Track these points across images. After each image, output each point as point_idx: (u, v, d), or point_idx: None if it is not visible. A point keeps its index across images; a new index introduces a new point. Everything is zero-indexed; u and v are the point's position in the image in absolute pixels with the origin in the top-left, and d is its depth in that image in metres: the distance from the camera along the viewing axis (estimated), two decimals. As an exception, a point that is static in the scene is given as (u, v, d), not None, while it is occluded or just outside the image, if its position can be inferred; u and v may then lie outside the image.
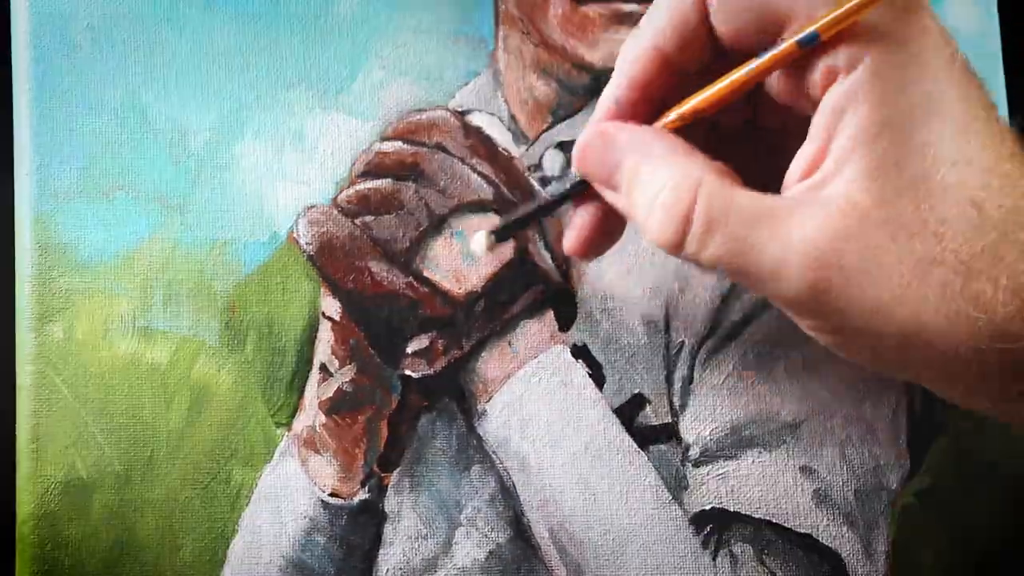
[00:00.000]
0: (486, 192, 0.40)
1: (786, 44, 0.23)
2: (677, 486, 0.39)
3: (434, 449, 0.39)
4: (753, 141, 0.28)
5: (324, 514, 0.39)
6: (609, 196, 0.27)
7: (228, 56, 0.40)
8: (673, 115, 0.26)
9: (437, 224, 0.40)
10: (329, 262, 0.39)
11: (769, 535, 0.38)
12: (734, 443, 0.39)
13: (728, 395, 0.39)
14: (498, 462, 0.39)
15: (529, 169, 0.41)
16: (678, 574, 0.38)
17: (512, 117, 0.42)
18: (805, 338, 0.25)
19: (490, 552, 0.39)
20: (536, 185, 0.41)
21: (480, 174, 0.40)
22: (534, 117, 0.42)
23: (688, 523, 0.38)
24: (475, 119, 0.41)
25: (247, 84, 0.40)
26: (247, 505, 0.38)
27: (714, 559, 0.38)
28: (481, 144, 0.41)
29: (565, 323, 0.40)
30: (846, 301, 0.22)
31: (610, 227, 0.29)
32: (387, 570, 0.39)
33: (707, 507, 0.39)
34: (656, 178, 0.25)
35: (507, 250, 0.40)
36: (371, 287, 0.39)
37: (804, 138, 0.24)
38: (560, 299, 0.40)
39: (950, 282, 0.21)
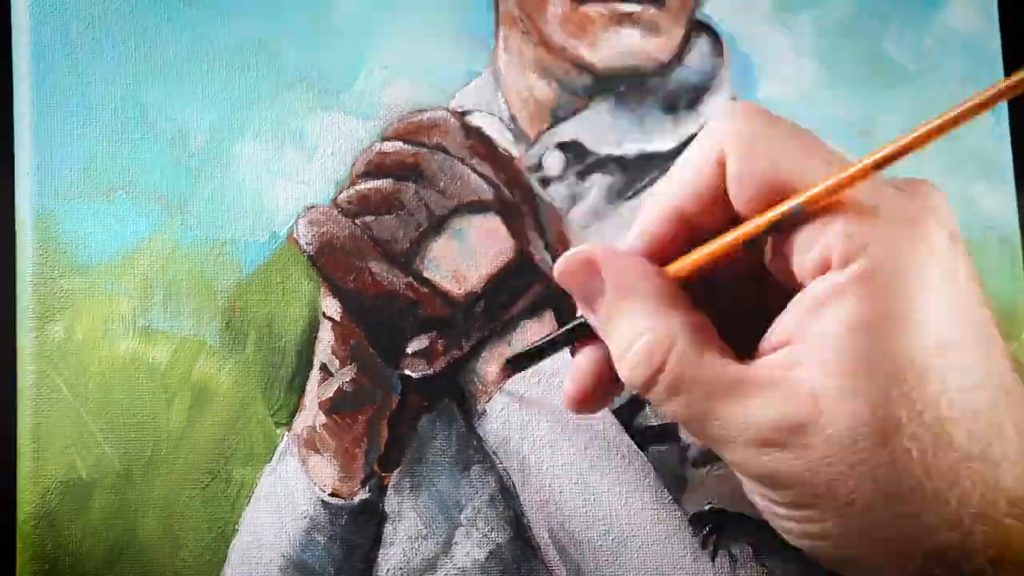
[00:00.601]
0: (486, 192, 0.40)
1: (781, 208, 0.23)
2: (676, 486, 0.39)
3: (434, 449, 0.39)
4: (757, 290, 0.27)
5: (324, 514, 0.39)
6: (589, 318, 0.27)
7: (228, 56, 0.40)
8: (674, 267, 0.26)
9: (437, 224, 0.40)
10: (329, 262, 0.39)
11: (768, 535, 0.38)
12: (734, 443, 0.39)
13: (728, 395, 0.39)
14: (498, 462, 0.39)
15: (529, 169, 0.41)
16: (678, 574, 0.38)
17: (512, 117, 0.42)
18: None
19: (490, 552, 0.39)
20: (536, 186, 0.41)
21: (480, 174, 0.40)
22: (534, 117, 0.42)
23: (687, 523, 0.38)
24: (475, 119, 0.41)
25: (247, 84, 0.40)
26: (247, 505, 0.39)
27: (713, 559, 0.38)
28: (481, 144, 0.41)
29: (565, 323, 0.40)
30: (785, 480, 0.23)
31: (612, 377, 0.28)
32: (387, 570, 0.39)
33: (706, 507, 0.39)
34: (633, 325, 0.25)
35: (507, 250, 0.40)
36: (371, 287, 0.39)
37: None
38: (560, 300, 0.40)
39: (891, 493, 0.21)
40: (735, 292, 0.27)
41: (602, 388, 0.28)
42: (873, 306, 0.22)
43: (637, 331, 0.24)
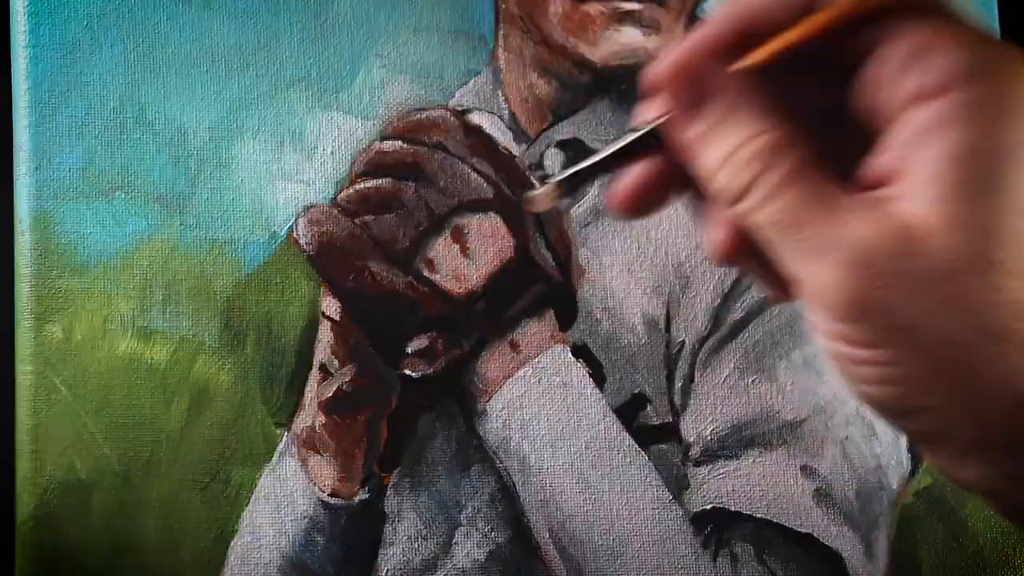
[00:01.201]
0: (486, 191, 0.40)
1: None
2: (678, 486, 0.39)
3: (434, 449, 0.39)
4: (834, 130, 0.27)
5: (324, 514, 0.39)
6: (682, 121, 0.26)
7: (227, 56, 0.40)
8: (756, 55, 0.25)
9: (437, 223, 0.40)
10: (329, 262, 0.39)
11: (770, 535, 0.38)
12: (735, 443, 0.39)
13: (729, 394, 0.39)
14: (498, 462, 0.39)
15: (530, 168, 0.41)
16: (679, 574, 0.38)
17: (512, 116, 0.42)
18: (806, 337, 0.25)
19: (490, 552, 0.39)
20: (537, 184, 0.41)
21: (480, 173, 0.40)
22: (534, 116, 0.42)
23: (689, 523, 0.38)
24: (475, 118, 0.41)
25: (247, 84, 0.40)
26: (247, 505, 0.38)
27: (715, 559, 0.38)
28: (481, 143, 0.41)
29: (565, 323, 0.40)
30: (872, 309, 0.22)
31: (665, 190, 0.27)
32: (387, 570, 0.39)
33: (708, 507, 0.38)
34: (741, 129, 0.24)
35: (507, 249, 0.40)
36: (371, 287, 0.39)
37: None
38: (560, 298, 0.40)
39: (983, 331, 0.21)
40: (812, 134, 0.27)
41: (653, 195, 0.27)
42: (980, 138, 0.21)
43: (750, 133, 0.24)
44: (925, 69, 0.22)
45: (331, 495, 0.39)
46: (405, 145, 0.40)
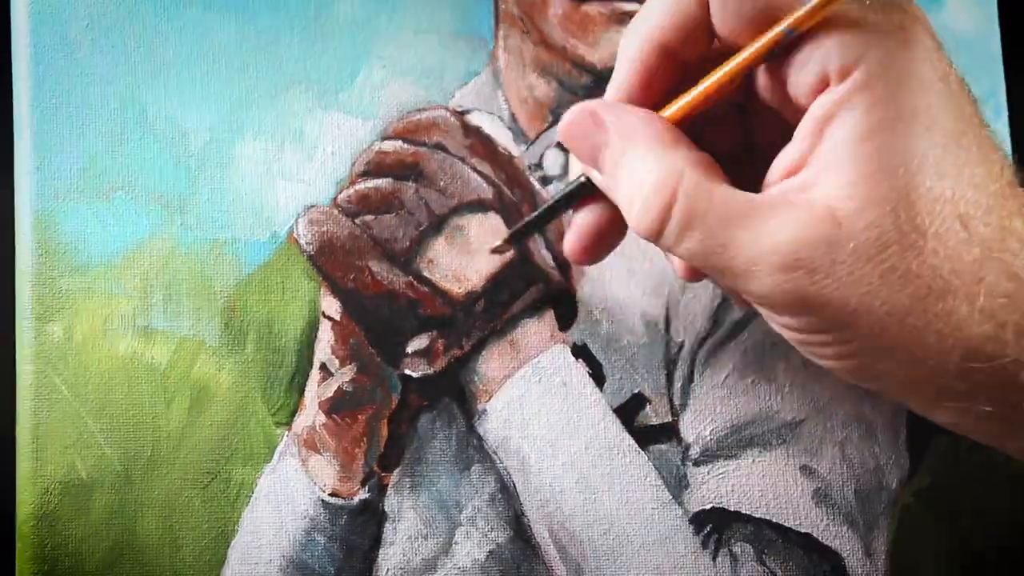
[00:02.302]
0: (486, 192, 0.40)
1: (773, 33, 0.23)
2: (677, 486, 0.39)
3: (434, 449, 0.39)
4: (743, 128, 0.28)
5: (324, 514, 0.39)
6: (593, 175, 0.27)
7: (228, 55, 0.40)
8: (668, 112, 0.26)
9: (437, 224, 0.40)
10: (329, 262, 0.39)
11: (769, 535, 0.38)
12: (734, 443, 0.39)
13: (728, 395, 0.39)
14: (498, 462, 0.39)
15: (529, 168, 0.41)
16: (678, 574, 0.38)
17: (512, 116, 0.42)
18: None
19: (490, 552, 0.39)
20: (536, 184, 0.41)
21: (480, 174, 0.40)
22: (534, 116, 0.42)
23: (688, 523, 0.38)
24: (475, 119, 0.41)
25: (247, 84, 0.40)
26: (247, 505, 0.38)
27: (714, 559, 0.38)
28: (481, 144, 0.41)
29: (565, 322, 0.40)
30: (816, 303, 0.22)
31: (612, 231, 0.28)
32: (387, 570, 0.39)
33: (707, 507, 0.39)
34: (640, 167, 0.25)
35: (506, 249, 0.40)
36: (371, 287, 0.39)
37: (790, 136, 0.24)
38: (560, 298, 0.40)
39: (923, 296, 0.21)
40: (728, 137, 0.27)
41: (603, 240, 0.28)
42: (880, 112, 0.22)
43: (645, 171, 0.24)
44: (823, 57, 0.22)
45: (331, 495, 0.39)
46: (405, 145, 0.40)
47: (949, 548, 0.39)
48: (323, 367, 0.39)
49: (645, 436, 0.39)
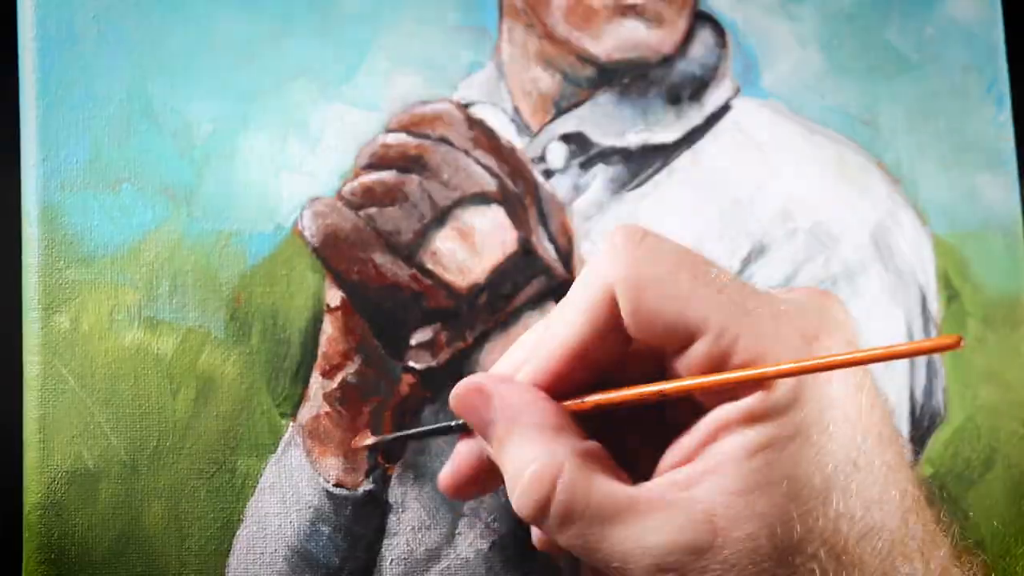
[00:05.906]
0: (489, 184, 0.40)
1: (694, 382, 0.23)
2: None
3: (437, 440, 0.39)
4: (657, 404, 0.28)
5: (329, 504, 0.39)
6: (483, 444, 0.27)
7: (233, 47, 0.40)
8: (573, 404, 0.26)
9: (441, 216, 0.40)
10: (334, 254, 0.39)
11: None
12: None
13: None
14: (502, 452, 0.39)
15: (532, 161, 0.41)
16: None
17: (516, 109, 0.42)
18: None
19: (493, 542, 0.39)
20: (539, 177, 0.41)
21: (483, 166, 0.40)
22: (538, 109, 0.42)
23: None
24: (479, 111, 0.41)
25: (252, 76, 0.40)
26: (252, 495, 0.39)
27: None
28: (485, 136, 0.41)
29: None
30: None
31: (489, 478, 0.28)
32: (391, 560, 0.39)
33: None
34: (521, 453, 0.25)
35: (510, 242, 0.40)
36: (375, 279, 0.39)
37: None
38: (563, 292, 0.40)
39: None
40: (639, 416, 0.27)
41: (478, 480, 0.28)
42: (774, 430, 0.22)
43: (526, 460, 0.24)
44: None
45: (336, 485, 0.39)
46: (409, 138, 0.40)
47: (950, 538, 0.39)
48: (327, 358, 0.39)
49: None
